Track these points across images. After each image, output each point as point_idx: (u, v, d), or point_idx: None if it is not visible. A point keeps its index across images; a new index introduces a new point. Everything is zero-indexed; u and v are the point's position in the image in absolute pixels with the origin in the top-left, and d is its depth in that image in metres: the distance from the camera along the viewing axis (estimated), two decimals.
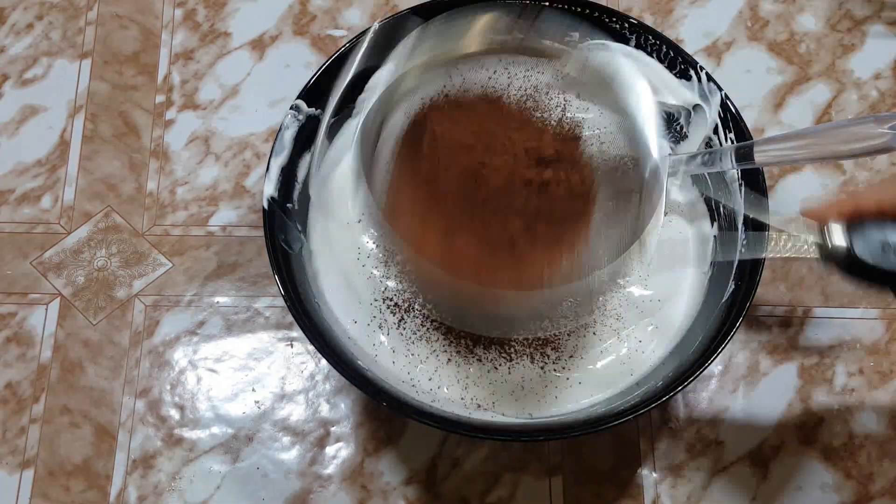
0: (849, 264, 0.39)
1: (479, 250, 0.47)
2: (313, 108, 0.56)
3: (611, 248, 0.48)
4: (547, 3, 0.57)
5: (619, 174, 0.50)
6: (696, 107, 0.57)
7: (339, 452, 0.58)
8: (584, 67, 0.54)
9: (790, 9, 0.70)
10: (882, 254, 0.38)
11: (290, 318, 0.60)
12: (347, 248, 0.58)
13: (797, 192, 0.65)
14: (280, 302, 0.61)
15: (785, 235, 0.46)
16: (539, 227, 0.48)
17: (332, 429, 0.59)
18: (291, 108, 0.55)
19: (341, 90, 0.56)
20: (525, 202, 0.48)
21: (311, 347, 0.59)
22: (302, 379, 0.60)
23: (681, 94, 0.58)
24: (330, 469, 0.58)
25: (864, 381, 0.60)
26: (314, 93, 0.55)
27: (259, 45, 0.69)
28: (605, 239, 0.49)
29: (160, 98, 0.67)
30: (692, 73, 0.56)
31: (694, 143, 0.58)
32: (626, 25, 0.57)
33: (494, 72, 0.55)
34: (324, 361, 0.58)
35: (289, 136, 0.55)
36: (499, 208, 0.48)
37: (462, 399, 0.54)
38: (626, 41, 0.58)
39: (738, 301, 0.51)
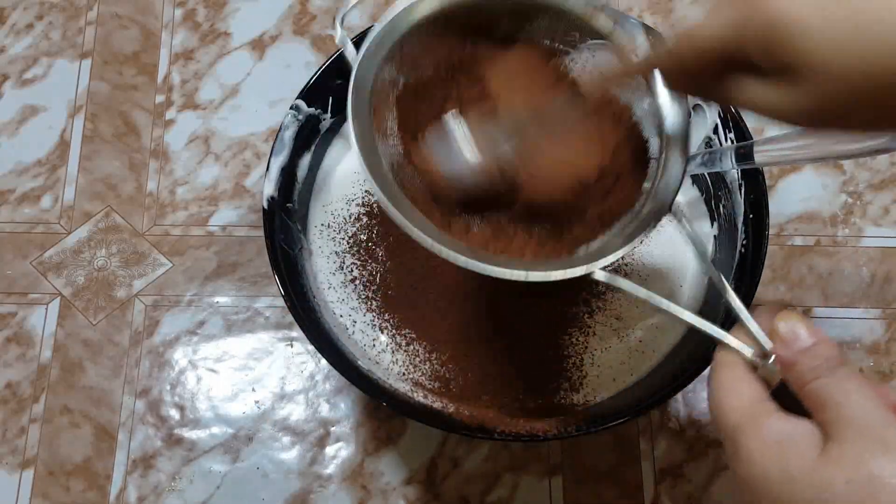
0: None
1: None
2: (313, 108, 0.56)
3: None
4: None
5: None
6: (695, 107, 0.57)
7: (339, 452, 0.58)
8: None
9: None
10: None
11: (290, 318, 0.60)
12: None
13: (797, 192, 0.65)
14: (280, 302, 0.61)
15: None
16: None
17: (332, 429, 0.59)
18: (291, 108, 0.55)
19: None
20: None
21: (311, 347, 0.59)
22: (302, 379, 0.60)
23: None
24: (330, 469, 0.58)
25: None
26: (314, 93, 0.55)
27: (259, 45, 0.69)
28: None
29: (160, 98, 0.67)
30: None
31: (694, 143, 0.58)
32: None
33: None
34: (324, 361, 0.58)
35: (289, 136, 0.55)
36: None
37: None
38: None
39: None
